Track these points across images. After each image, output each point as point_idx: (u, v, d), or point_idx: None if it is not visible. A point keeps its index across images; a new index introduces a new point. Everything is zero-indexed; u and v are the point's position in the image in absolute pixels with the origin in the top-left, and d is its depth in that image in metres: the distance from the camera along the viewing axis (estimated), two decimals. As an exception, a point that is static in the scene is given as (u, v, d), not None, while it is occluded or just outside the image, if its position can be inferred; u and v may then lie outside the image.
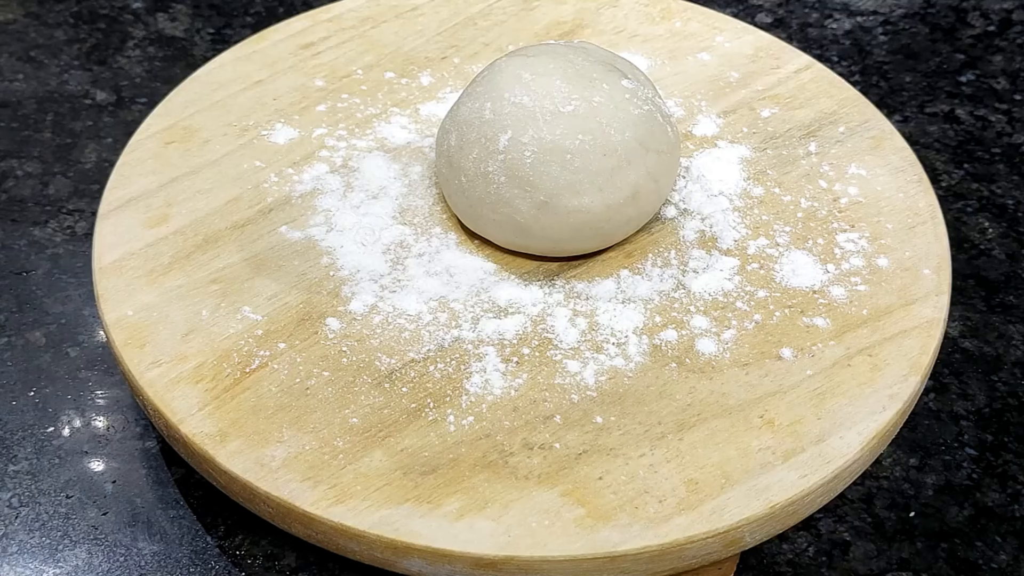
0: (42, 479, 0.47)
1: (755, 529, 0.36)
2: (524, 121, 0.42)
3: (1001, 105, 0.66)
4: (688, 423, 0.38)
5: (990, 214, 0.59)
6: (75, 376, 0.51)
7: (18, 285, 0.55)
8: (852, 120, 0.49)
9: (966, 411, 0.50)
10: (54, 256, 0.56)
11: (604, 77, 0.43)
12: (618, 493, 0.36)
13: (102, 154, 0.61)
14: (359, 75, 0.51)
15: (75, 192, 0.60)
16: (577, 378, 0.39)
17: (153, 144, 0.48)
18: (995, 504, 0.47)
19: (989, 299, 0.55)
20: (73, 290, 0.55)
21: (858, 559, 0.45)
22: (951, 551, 0.46)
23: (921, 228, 0.44)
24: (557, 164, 0.41)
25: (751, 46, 0.52)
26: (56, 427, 0.49)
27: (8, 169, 0.61)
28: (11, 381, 0.51)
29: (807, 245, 0.43)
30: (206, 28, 0.70)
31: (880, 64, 0.68)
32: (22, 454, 0.48)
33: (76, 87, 0.66)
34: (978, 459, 0.49)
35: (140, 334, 0.41)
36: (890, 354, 0.40)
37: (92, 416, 0.50)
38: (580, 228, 0.42)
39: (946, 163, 0.62)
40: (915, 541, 0.46)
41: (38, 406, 0.50)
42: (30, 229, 0.58)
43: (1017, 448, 0.49)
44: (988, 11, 0.73)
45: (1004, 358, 0.52)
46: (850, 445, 0.37)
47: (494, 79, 0.43)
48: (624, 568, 0.35)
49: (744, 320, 0.41)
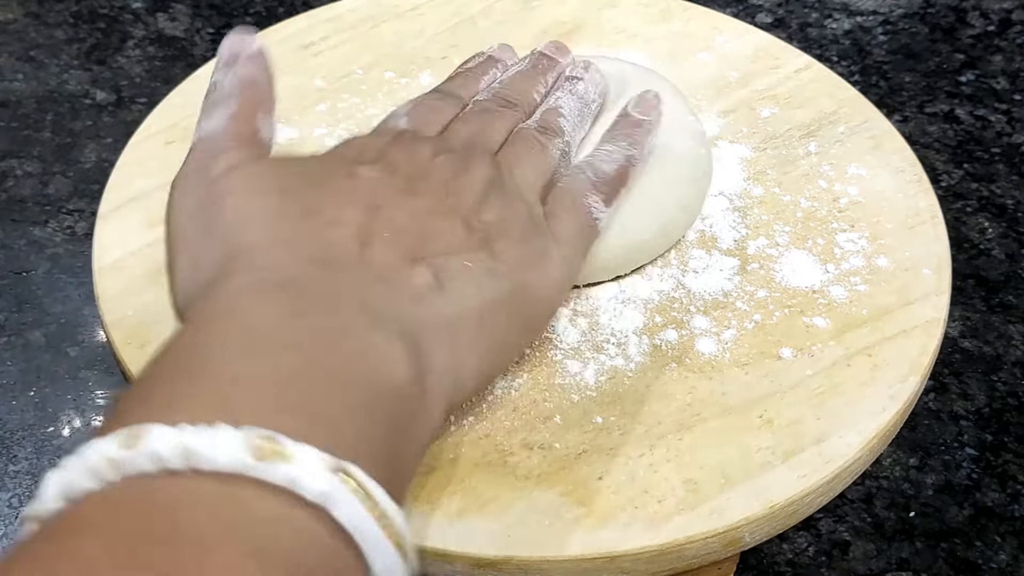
0: (42, 479, 0.48)
1: (755, 529, 0.36)
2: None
3: (1001, 105, 0.66)
4: (688, 423, 0.38)
5: (990, 214, 0.59)
6: (75, 376, 0.51)
7: (18, 285, 0.55)
8: (852, 120, 0.49)
9: (966, 411, 0.50)
10: (54, 256, 0.56)
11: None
12: (618, 493, 0.36)
13: (102, 154, 0.62)
14: (359, 75, 0.51)
15: (75, 192, 0.60)
16: (577, 378, 0.39)
17: (153, 144, 0.48)
18: (995, 504, 0.47)
19: (989, 299, 0.55)
20: (73, 290, 0.55)
21: (858, 559, 0.45)
22: (951, 551, 0.46)
23: (921, 228, 0.44)
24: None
25: (751, 46, 0.52)
26: (56, 427, 0.49)
27: (8, 169, 0.61)
28: (11, 381, 0.51)
29: (807, 245, 0.43)
30: (206, 28, 0.70)
31: (880, 64, 0.68)
32: (22, 454, 0.48)
33: (76, 87, 0.66)
34: (978, 459, 0.49)
35: (140, 334, 0.41)
36: (890, 354, 0.40)
37: (92, 416, 0.50)
38: (598, 269, 0.41)
39: (946, 163, 0.62)
40: (915, 541, 0.46)
41: (38, 406, 0.50)
42: (30, 229, 0.58)
43: (1017, 448, 0.49)
44: (988, 11, 0.73)
45: (1004, 358, 0.52)
46: (850, 445, 0.37)
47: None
48: (624, 568, 0.35)
49: (744, 320, 0.41)
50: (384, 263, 0.33)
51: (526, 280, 0.35)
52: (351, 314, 0.31)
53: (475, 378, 0.34)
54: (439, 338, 0.32)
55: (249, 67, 0.39)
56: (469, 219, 0.36)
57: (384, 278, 0.32)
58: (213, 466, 0.24)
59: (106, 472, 0.25)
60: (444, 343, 0.32)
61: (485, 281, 0.34)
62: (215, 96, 0.38)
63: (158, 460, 0.24)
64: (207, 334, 0.29)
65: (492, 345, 0.34)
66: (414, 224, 0.34)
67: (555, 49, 0.45)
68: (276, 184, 0.35)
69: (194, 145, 0.37)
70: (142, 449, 0.25)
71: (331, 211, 0.34)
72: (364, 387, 0.29)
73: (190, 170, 0.36)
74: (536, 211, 0.38)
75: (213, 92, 0.38)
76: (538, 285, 0.36)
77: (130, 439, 0.25)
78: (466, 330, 0.33)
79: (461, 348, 0.33)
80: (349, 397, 0.28)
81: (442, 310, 0.33)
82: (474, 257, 0.34)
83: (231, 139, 0.36)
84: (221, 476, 0.24)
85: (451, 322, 0.33)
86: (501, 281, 0.34)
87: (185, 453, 0.24)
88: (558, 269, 0.37)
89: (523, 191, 0.38)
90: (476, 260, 0.34)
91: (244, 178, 0.35)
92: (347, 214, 0.34)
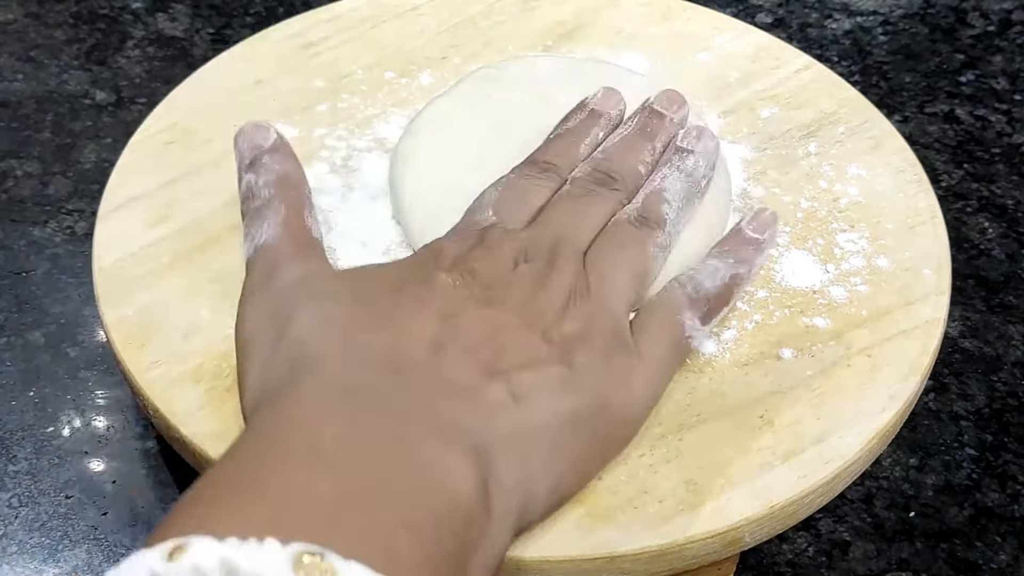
0: (42, 479, 0.47)
1: (755, 529, 0.36)
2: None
3: (1001, 105, 0.66)
4: (688, 423, 0.38)
5: (990, 214, 0.59)
6: (75, 376, 0.51)
7: (18, 285, 0.55)
8: (852, 120, 0.49)
9: (966, 411, 0.50)
10: (54, 256, 0.56)
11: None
12: (618, 493, 0.36)
13: (102, 154, 0.62)
14: (359, 75, 0.51)
15: (75, 192, 0.60)
16: (577, 378, 0.39)
17: (153, 144, 0.48)
18: (995, 504, 0.47)
19: (989, 299, 0.55)
20: (73, 290, 0.55)
21: (858, 559, 0.45)
22: (951, 551, 0.46)
23: (921, 228, 0.44)
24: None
25: (751, 46, 0.52)
26: (56, 427, 0.49)
27: (8, 169, 0.61)
28: (11, 381, 0.51)
29: (807, 245, 0.43)
30: (206, 28, 0.70)
31: (880, 64, 0.68)
32: (22, 454, 0.48)
33: (76, 87, 0.66)
34: (978, 459, 0.49)
35: (140, 334, 0.41)
36: (890, 354, 0.40)
37: (92, 416, 0.50)
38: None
39: (946, 163, 0.62)
40: (915, 541, 0.46)
41: (38, 406, 0.50)
42: (30, 229, 0.58)
43: (1017, 448, 0.49)
44: (988, 11, 0.73)
45: (1004, 358, 0.52)
46: (850, 445, 0.37)
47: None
48: (624, 568, 0.35)
49: (744, 320, 0.41)
50: (456, 374, 0.32)
51: (607, 397, 0.34)
52: (418, 425, 0.30)
53: (548, 498, 0.32)
54: (511, 455, 0.31)
55: (279, 163, 0.39)
56: (549, 331, 0.34)
57: (455, 390, 0.31)
58: None
59: None
60: (516, 460, 0.31)
61: (562, 396, 0.32)
62: (256, 204, 0.38)
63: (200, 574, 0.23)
64: (268, 444, 0.28)
65: (568, 464, 0.33)
66: (490, 336, 0.33)
67: (667, 103, 0.42)
68: (348, 292, 0.34)
69: (252, 258, 0.37)
70: (184, 563, 0.24)
71: (404, 320, 0.33)
72: (428, 503, 0.28)
73: (255, 282, 0.36)
74: (622, 324, 0.36)
75: (252, 199, 0.38)
76: (619, 403, 0.34)
77: (174, 551, 0.24)
78: (540, 447, 0.31)
79: (534, 466, 0.31)
80: (411, 514, 0.27)
81: (516, 426, 0.31)
82: (552, 371, 0.33)
83: (291, 247, 0.36)
84: None
85: (525, 438, 0.31)
86: (579, 397, 0.33)
87: (226, 568, 0.23)
88: (641, 387, 0.35)
89: (610, 300, 0.36)
90: (553, 375, 0.33)
91: (315, 287, 0.34)
92: (421, 324, 0.33)
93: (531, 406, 0.32)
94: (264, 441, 0.29)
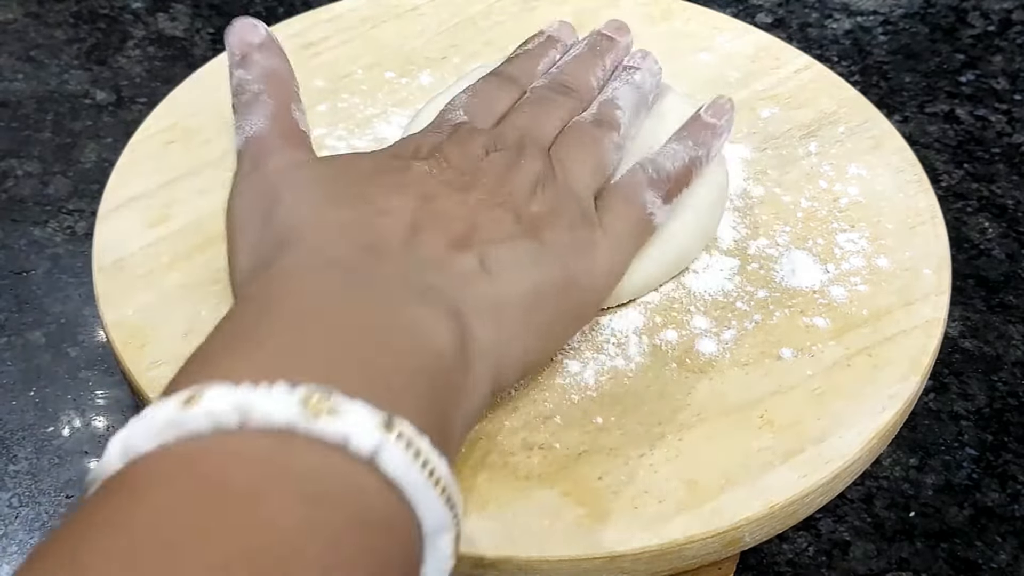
0: (42, 479, 0.48)
1: (755, 529, 0.36)
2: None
3: (1001, 105, 0.66)
4: (688, 423, 0.38)
5: (990, 214, 0.59)
6: (75, 376, 0.51)
7: (18, 285, 0.55)
8: (852, 120, 0.49)
9: (966, 411, 0.50)
10: (54, 256, 0.56)
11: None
12: (618, 493, 0.36)
13: (102, 154, 0.62)
14: (359, 75, 0.51)
15: (75, 192, 0.60)
16: (577, 378, 0.39)
17: (153, 144, 0.48)
18: (995, 504, 0.47)
19: (989, 299, 0.55)
20: (73, 290, 0.55)
21: (858, 559, 0.45)
22: (951, 551, 0.46)
23: (921, 228, 0.44)
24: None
25: (751, 46, 0.52)
26: (56, 427, 0.49)
27: (8, 169, 0.61)
28: (11, 381, 0.51)
29: (807, 245, 0.43)
30: (206, 28, 0.70)
31: (880, 64, 0.68)
32: (22, 454, 0.48)
33: (76, 87, 0.66)
34: (978, 459, 0.49)
35: (140, 334, 0.41)
36: (890, 354, 0.40)
37: (92, 416, 0.50)
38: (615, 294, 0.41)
39: (946, 163, 0.62)
40: (915, 541, 0.46)
41: (38, 406, 0.50)
42: (30, 229, 0.58)
43: (1017, 448, 0.49)
44: (988, 11, 0.73)
45: (1004, 358, 0.52)
46: (850, 445, 0.37)
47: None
48: (624, 568, 0.35)
49: (744, 320, 0.41)
50: (431, 249, 0.34)
51: (572, 268, 0.36)
52: (400, 290, 0.32)
53: (520, 360, 0.35)
54: (484, 319, 0.33)
55: (268, 59, 0.41)
56: (519, 211, 0.37)
57: (431, 261, 0.34)
58: (267, 423, 0.25)
59: (164, 432, 0.25)
60: (489, 324, 0.33)
61: (531, 267, 0.35)
62: (246, 98, 0.40)
63: (213, 419, 0.25)
64: (262, 306, 0.31)
65: (537, 330, 0.35)
66: (463, 214, 0.35)
67: (615, 29, 0.45)
68: (331, 176, 0.37)
69: (243, 148, 0.39)
70: (199, 408, 0.25)
71: (382, 201, 0.35)
72: (413, 354, 0.30)
73: (246, 170, 0.38)
74: (586, 204, 0.38)
75: (242, 93, 0.40)
76: (584, 273, 0.36)
77: (190, 399, 0.26)
78: (511, 313, 0.34)
79: (506, 331, 0.34)
80: (400, 361, 0.29)
81: (489, 294, 0.34)
82: (521, 244, 0.35)
83: (278, 138, 0.38)
84: (274, 434, 0.25)
85: (496, 304, 0.34)
86: (547, 268, 0.35)
87: (240, 410, 0.25)
88: (605, 259, 0.37)
89: (575, 186, 0.38)
90: (522, 247, 0.35)
91: (300, 172, 0.37)
92: (397, 204, 0.35)
93: (503, 277, 0.34)
94: (259, 305, 0.31)
